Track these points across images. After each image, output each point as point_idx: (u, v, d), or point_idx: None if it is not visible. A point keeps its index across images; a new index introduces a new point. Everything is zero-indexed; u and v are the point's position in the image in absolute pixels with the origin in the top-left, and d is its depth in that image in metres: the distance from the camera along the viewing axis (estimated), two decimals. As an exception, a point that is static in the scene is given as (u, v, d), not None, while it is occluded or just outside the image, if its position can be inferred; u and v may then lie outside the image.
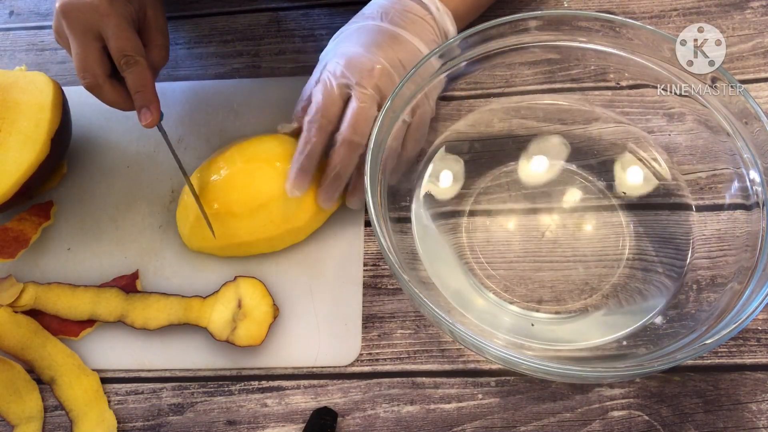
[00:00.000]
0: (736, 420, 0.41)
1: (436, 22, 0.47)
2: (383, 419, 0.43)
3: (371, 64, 0.45)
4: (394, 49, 0.46)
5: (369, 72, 0.45)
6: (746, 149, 0.41)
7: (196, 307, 0.46)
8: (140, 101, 0.46)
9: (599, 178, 0.48)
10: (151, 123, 0.46)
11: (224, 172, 0.47)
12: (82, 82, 0.45)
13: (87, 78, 0.45)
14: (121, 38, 0.45)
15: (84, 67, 0.45)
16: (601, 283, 0.45)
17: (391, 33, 0.46)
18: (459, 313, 0.44)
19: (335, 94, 0.45)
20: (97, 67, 0.45)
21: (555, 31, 0.45)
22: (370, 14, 0.48)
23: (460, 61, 0.46)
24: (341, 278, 0.47)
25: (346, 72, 0.45)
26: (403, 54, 0.46)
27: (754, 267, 0.38)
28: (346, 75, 0.45)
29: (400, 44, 0.46)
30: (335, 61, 0.46)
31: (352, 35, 0.47)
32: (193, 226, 0.47)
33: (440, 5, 0.47)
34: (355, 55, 0.45)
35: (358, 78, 0.45)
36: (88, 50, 0.45)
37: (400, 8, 0.47)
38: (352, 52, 0.46)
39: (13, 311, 0.47)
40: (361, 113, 0.44)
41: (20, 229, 0.49)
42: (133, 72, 0.45)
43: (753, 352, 0.42)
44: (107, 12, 0.45)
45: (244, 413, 0.44)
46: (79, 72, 0.45)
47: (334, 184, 0.45)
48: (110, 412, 0.44)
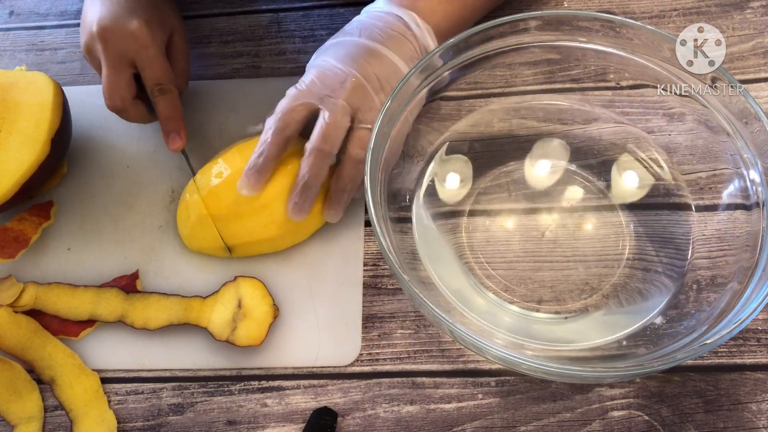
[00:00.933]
0: (736, 420, 0.41)
1: (417, 39, 0.47)
2: (383, 419, 0.43)
3: (343, 76, 0.45)
4: (370, 63, 0.45)
5: (341, 84, 0.45)
6: (746, 149, 0.41)
7: (196, 307, 0.46)
8: (170, 127, 0.48)
9: (599, 178, 0.48)
10: (179, 148, 0.49)
11: (225, 173, 0.47)
12: (108, 104, 0.48)
13: (115, 101, 0.48)
14: (157, 69, 0.47)
15: (114, 90, 0.47)
16: (601, 283, 0.45)
17: (369, 48, 0.46)
18: (459, 313, 0.44)
19: (299, 101, 0.45)
20: (126, 93, 0.48)
21: (555, 31, 0.45)
22: (350, 31, 0.48)
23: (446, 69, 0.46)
24: (341, 278, 0.47)
25: (317, 83, 0.45)
26: (378, 68, 0.45)
27: (754, 267, 0.38)
28: (317, 86, 0.45)
29: (377, 59, 0.46)
30: (309, 73, 0.46)
31: (328, 49, 0.48)
32: (193, 227, 0.47)
33: (421, 22, 0.47)
34: (329, 67, 0.46)
35: (329, 90, 0.44)
36: (120, 76, 0.47)
37: (381, 25, 0.47)
38: (326, 65, 0.46)
39: (13, 311, 0.47)
40: (331, 124, 0.44)
41: (20, 229, 0.49)
42: (165, 99, 0.48)
43: (753, 352, 0.42)
44: (147, 43, 0.47)
45: (244, 413, 0.44)
46: (108, 94, 0.48)
47: (304, 194, 0.45)
48: (110, 412, 0.44)
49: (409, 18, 0.47)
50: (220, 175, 0.47)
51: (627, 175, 0.48)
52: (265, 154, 0.44)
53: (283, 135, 0.45)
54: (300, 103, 0.45)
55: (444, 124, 0.51)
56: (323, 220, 0.48)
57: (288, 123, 0.45)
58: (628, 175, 0.48)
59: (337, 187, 0.46)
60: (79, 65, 0.60)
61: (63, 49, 0.62)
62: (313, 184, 0.45)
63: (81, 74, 0.60)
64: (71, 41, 0.62)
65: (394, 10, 0.47)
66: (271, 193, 0.46)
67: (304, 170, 0.44)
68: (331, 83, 0.45)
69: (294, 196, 0.45)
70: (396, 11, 0.47)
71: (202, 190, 0.47)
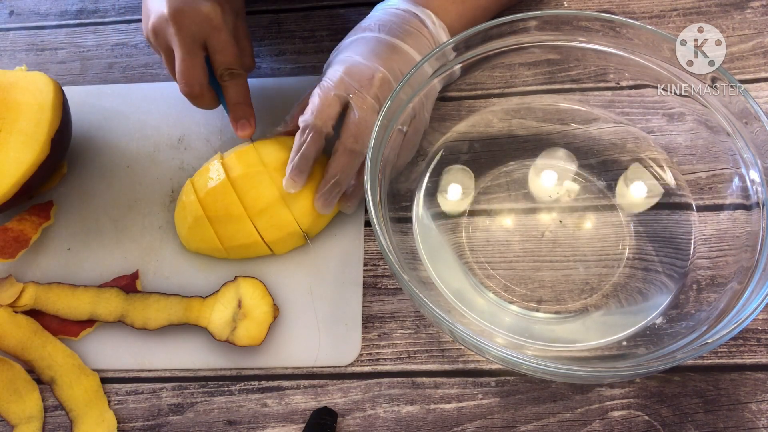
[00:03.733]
0: (736, 420, 0.41)
1: (432, 36, 0.48)
2: (383, 419, 0.43)
3: (371, 72, 0.45)
4: (393, 59, 0.46)
5: (369, 80, 0.45)
6: (746, 149, 0.41)
7: (196, 307, 0.46)
8: (240, 113, 0.48)
9: (599, 178, 0.48)
10: (249, 134, 0.48)
11: (223, 175, 0.47)
12: (184, 89, 0.46)
13: (192, 86, 0.46)
14: (228, 53, 0.46)
15: (191, 75, 0.45)
16: (601, 282, 0.45)
17: (390, 44, 0.46)
18: (459, 313, 0.44)
19: (331, 97, 0.45)
20: (203, 77, 0.46)
21: (555, 31, 0.45)
22: (367, 26, 0.48)
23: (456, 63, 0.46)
24: (341, 278, 0.47)
25: (345, 78, 0.45)
26: (401, 64, 0.46)
27: (754, 267, 0.38)
28: (346, 81, 0.45)
29: (399, 55, 0.46)
30: (334, 68, 0.46)
31: (350, 46, 0.48)
32: (190, 228, 0.47)
33: (436, 20, 0.48)
34: (355, 64, 0.46)
35: (358, 86, 0.45)
36: (195, 59, 0.45)
37: (398, 21, 0.47)
38: (352, 61, 0.46)
39: (13, 311, 0.47)
40: (362, 122, 0.44)
41: (20, 229, 0.49)
42: (236, 84, 0.47)
43: (753, 352, 0.42)
44: (219, 26, 0.45)
45: (244, 413, 0.44)
46: (184, 79, 0.46)
47: (333, 190, 0.46)
48: (110, 412, 0.44)
49: (425, 15, 0.47)
50: (218, 177, 0.47)
51: (635, 186, 0.48)
52: (305, 154, 0.45)
53: (321, 133, 0.45)
54: (333, 97, 0.45)
55: (444, 124, 0.51)
56: (324, 224, 0.48)
57: (325, 121, 0.45)
58: (636, 186, 0.48)
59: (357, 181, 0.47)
60: (79, 65, 0.60)
61: (63, 49, 0.62)
62: (343, 183, 0.45)
63: (81, 74, 0.60)
64: (71, 41, 0.62)
65: (410, 8, 0.48)
66: (269, 197, 0.46)
67: (336, 169, 0.45)
68: (359, 79, 0.45)
69: (323, 194, 0.46)
70: (412, 8, 0.48)
71: (199, 192, 0.47)
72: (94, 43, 0.62)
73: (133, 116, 0.56)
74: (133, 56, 0.60)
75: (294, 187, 0.46)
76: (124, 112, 0.56)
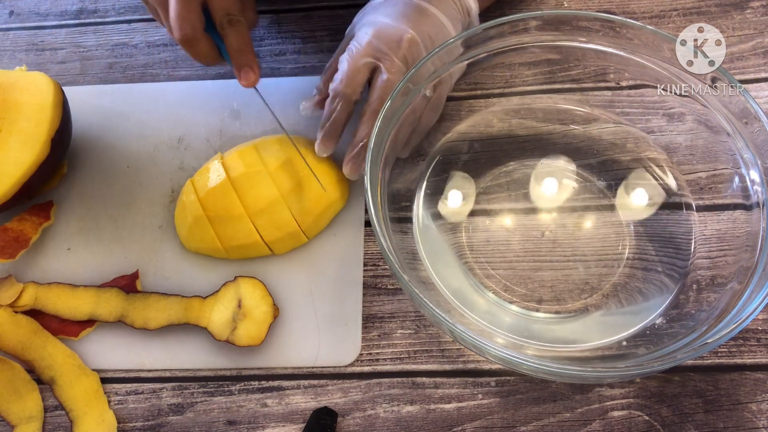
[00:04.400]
0: (736, 420, 0.41)
1: (460, 1, 0.48)
2: (383, 419, 0.43)
3: (399, 34, 0.45)
4: (421, 22, 0.46)
5: (397, 42, 0.45)
6: (746, 149, 0.41)
7: (196, 307, 0.46)
8: (242, 60, 0.46)
9: (599, 178, 0.48)
10: (253, 82, 0.46)
11: (224, 175, 0.47)
12: (178, 34, 0.43)
13: (185, 30, 0.43)
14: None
15: (184, 18, 0.43)
16: (601, 282, 0.45)
17: (418, 6, 0.47)
18: (459, 313, 0.44)
19: (360, 63, 0.45)
20: (196, 21, 0.43)
21: (555, 31, 0.45)
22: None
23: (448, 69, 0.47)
24: (341, 278, 0.47)
25: (374, 41, 0.45)
26: (429, 27, 0.46)
27: (754, 267, 0.38)
28: (374, 44, 0.45)
29: (427, 17, 0.46)
30: (363, 31, 0.46)
31: (378, 7, 0.48)
32: (191, 228, 0.47)
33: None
34: (383, 26, 0.46)
35: (386, 48, 0.45)
36: (189, 4, 0.43)
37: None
38: (380, 23, 0.46)
39: (13, 311, 0.47)
40: (390, 85, 0.45)
41: (20, 229, 0.49)
42: (236, 31, 0.45)
43: (753, 352, 0.42)
44: None
45: (244, 413, 0.44)
46: (178, 23, 0.43)
47: (361, 153, 0.46)
48: (110, 412, 0.44)
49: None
50: (218, 177, 0.47)
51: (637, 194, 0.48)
52: (336, 119, 0.46)
53: (351, 100, 0.46)
54: (362, 64, 0.45)
55: (444, 124, 0.51)
56: (324, 224, 0.48)
57: (354, 88, 0.46)
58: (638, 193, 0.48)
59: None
60: (79, 65, 0.60)
61: (63, 49, 0.62)
62: None
63: (81, 74, 0.60)
64: (71, 41, 0.62)
65: None
66: (269, 197, 0.46)
67: (364, 133, 0.46)
68: (387, 41, 0.45)
69: (352, 157, 0.46)
70: None
71: (199, 192, 0.47)
72: (94, 43, 0.62)
73: (133, 116, 0.56)
74: (133, 56, 0.60)
75: (326, 152, 0.47)
76: (124, 112, 0.56)
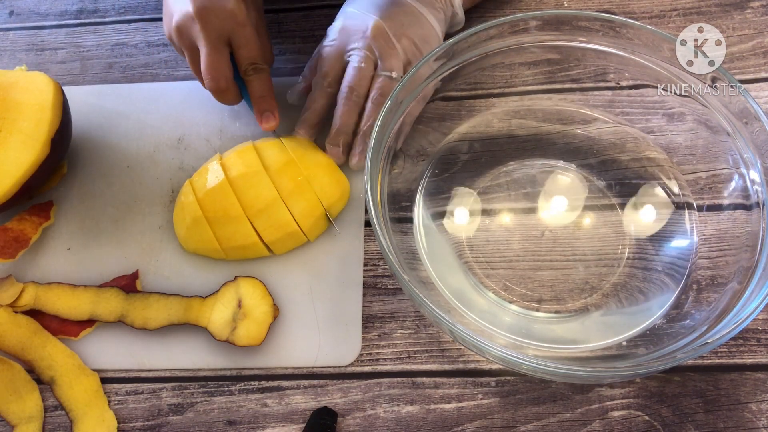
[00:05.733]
0: (736, 420, 0.41)
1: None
2: (383, 419, 0.43)
3: (365, 24, 0.48)
4: (393, 11, 0.49)
5: (363, 31, 0.48)
6: (746, 149, 0.41)
7: (196, 307, 0.46)
8: (264, 106, 0.49)
9: (599, 178, 0.48)
10: (272, 127, 0.49)
11: (222, 175, 0.47)
12: (210, 84, 0.47)
13: (219, 81, 0.47)
14: (252, 48, 0.47)
15: (217, 69, 0.46)
16: (601, 282, 0.45)
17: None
18: (459, 313, 0.44)
19: (334, 57, 0.49)
20: (228, 71, 0.47)
21: (555, 31, 0.45)
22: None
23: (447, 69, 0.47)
24: (341, 278, 0.47)
25: (341, 36, 0.49)
26: (402, 16, 0.49)
27: (754, 267, 0.38)
28: (341, 39, 0.49)
29: (400, 6, 0.49)
30: (334, 26, 0.50)
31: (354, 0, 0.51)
32: (189, 228, 0.47)
33: None
34: (350, 15, 0.50)
35: (354, 39, 0.49)
36: (221, 55, 0.46)
37: None
38: (349, 15, 0.50)
39: (13, 311, 0.47)
40: (357, 73, 0.48)
41: (20, 229, 0.49)
42: (259, 78, 0.48)
43: (753, 352, 0.42)
44: (244, 22, 0.47)
45: (244, 413, 0.44)
46: (210, 74, 0.46)
47: (338, 138, 0.49)
48: (110, 412, 0.44)
49: None
50: (216, 178, 0.47)
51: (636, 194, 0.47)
52: (315, 109, 0.50)
53: (328, 92, 0.50)
54: (334, 61, 0.49)
55: (444, 124, 0.51)
56: (323, 226, 0.48)
57: (330, 82, 0.50)
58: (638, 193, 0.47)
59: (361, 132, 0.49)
60: (79, 65, 0.60)
61: (63, 49, 0.62)
62: (346, 131, 0.49)
63: (81, 74, 0.60)
64: (71, 41, 0.62)
65: None
66: (268, 197, 0.46)
67: (337, 118, 0.49)
68: (353, 31, 0.49)
69: (329, 141, 0.49)
70: None
71: (198, 192, 0.47)
72: (94, 43, 0.62)
73: (133, 116, 0.56)
74: (133, 56, 0.60)
75: (305, 135, 0.50)
76: (124, 112, 0.56)
